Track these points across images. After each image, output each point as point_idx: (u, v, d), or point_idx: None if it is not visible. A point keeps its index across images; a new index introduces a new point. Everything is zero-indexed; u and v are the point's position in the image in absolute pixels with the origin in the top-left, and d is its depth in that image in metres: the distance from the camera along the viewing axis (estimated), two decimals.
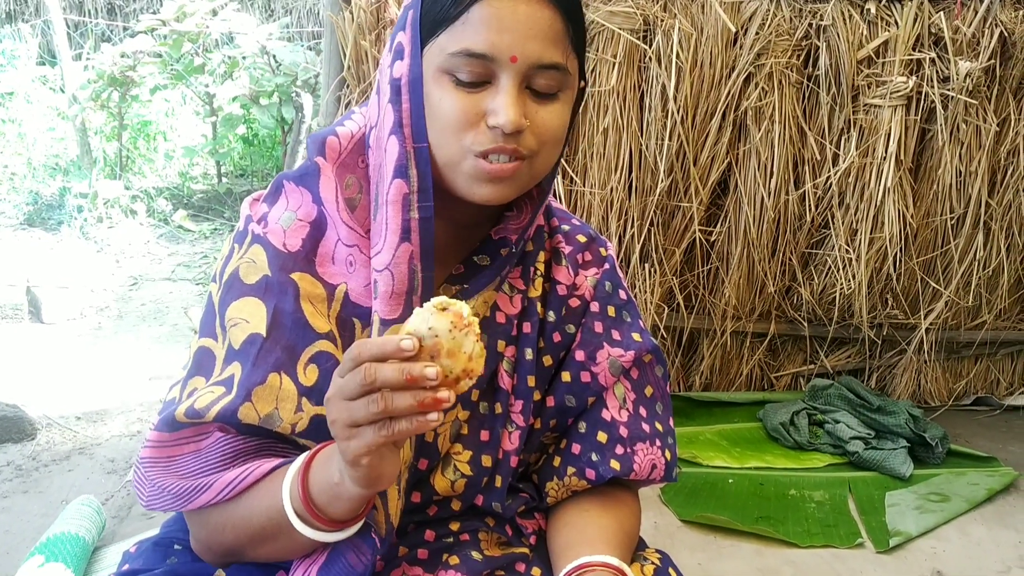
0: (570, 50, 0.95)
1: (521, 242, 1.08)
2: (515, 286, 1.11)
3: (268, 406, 0.94)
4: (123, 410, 2.99)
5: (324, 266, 1.00)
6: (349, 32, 2.69)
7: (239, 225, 1.05)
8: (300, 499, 0.88)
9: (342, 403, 0.80)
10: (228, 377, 0.95)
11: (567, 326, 1.13)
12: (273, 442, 1.00)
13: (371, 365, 0.77)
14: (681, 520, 2.43)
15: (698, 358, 3.20)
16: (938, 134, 2.89)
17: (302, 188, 1.02)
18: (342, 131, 1.03)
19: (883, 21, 2.82)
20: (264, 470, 0.93)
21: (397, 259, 0.95)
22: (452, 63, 0.91)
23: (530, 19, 0.90)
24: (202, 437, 0.98)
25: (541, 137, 0.95)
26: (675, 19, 2.72)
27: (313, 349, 0.97)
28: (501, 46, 0.90)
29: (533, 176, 0.99)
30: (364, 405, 0.77)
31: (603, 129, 2.79)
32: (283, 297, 0.97)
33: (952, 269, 3.09)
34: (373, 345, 0.78)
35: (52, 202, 5.46)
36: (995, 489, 2.67)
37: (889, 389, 3.29)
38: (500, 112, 0.91)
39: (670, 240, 2.96)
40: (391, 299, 0.96)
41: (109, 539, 2.11)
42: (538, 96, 0.94)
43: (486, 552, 1.06)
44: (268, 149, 6.44)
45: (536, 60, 0.91)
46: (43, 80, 6.57)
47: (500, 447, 1.07)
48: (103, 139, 5.89)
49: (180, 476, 0.97)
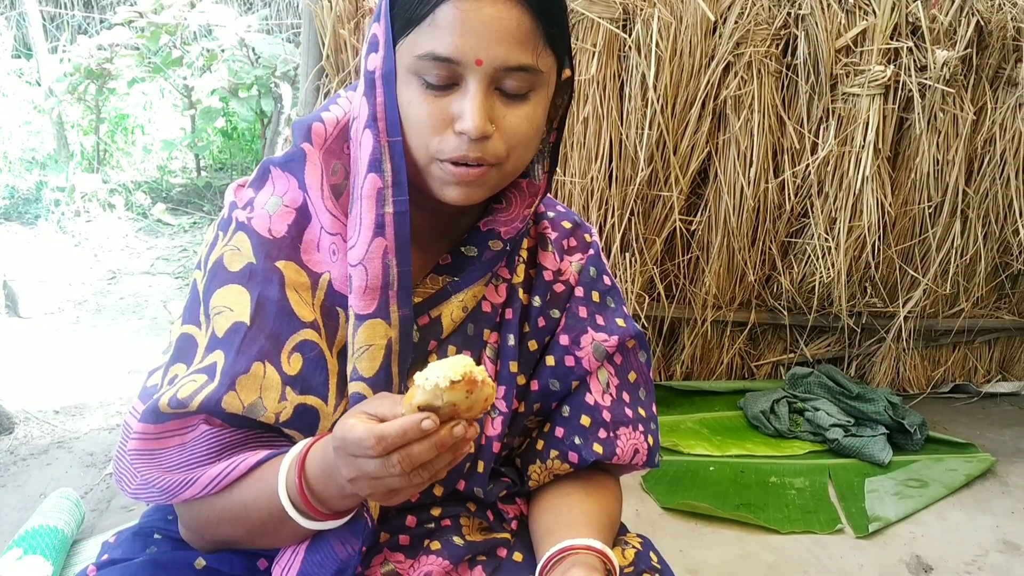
0: (542, 48, 0.93)
1: (516, 242, 1.08)
2: (500, 275, 1.11)
3: (252, 395, 0.94)
4: (102, 404, 2.97)
5: (309, 254, 1.00)
6: (328, 21, 2.67)
7: (223, 212, 1.04)
8: (299, 494, 0.89)
9: (377, 482, 0.81)
10: (210, 364, 0.95)
11: (552, 311, 1.13)
12: (259, 432, 1.00)
13: (403, 453, 0.79)
14: (663, 507, 2.44)
15: (679, 347, 3.21)
16: (916, 123, 2.91)
17: (288, 174, 1.02)
18: (327, 117, 1.03)
19: (861, 10, 2.83)
20: (249, 464, 0.93)
21: (371, 254, 0.94)
22: (419, 65, 0.91)
23: (495, 20, 0.89)
24: (188, 430, 0.98)
25: (510, 141, 0.95)
26: (655, 8, 2.72)
27: (297, 338, 0.97)
28: (466, 49, 0.89)
29: (503, 178, 0.99)
30: (408, 479, 0.80)
31: (583, 118, 2.79)
32: (267, 285, 0.97)
33: (930, 257, 3.12)
34: (394, 435, 0.79)
35: (29, 196, 5.40)
36: (973, 475, 2.70)
37: (868, 377, 3.32)
38: (466, 118, 0.90)
39: (650, 229, 2.97)
40: (365, 294, 0.95)
41: (88, 532, 2.09)
42: (508, 97, 0.93)
43: (468, 537, 1.06)
44: (247, 142, 6.39)
45: (502, 63, 0.90)
46: (18, 73, 6.49)
47: (483, 433, 1.07)
48: (80, 132, 5.82)
49: (165, 470, 0.96)
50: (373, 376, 0.96)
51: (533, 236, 1.16)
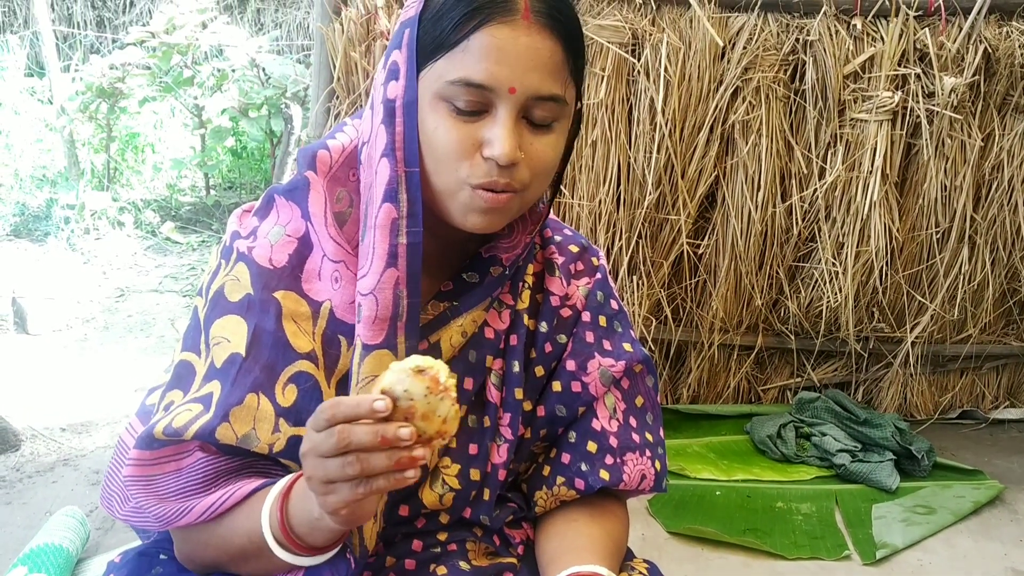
0: (569, 80, 0.95)
1: (515, 267, 1.08)
2: (504, 302, 1.11)
3: (245, 426, 0.94)
4: (108, 422, 2.97)
5: (310, 282, 1.00)
6: (339, 44, 2.69)
7: (225, 239, 1.05)
8: (279, 528, 0.89)
9: (317, 460, 0.80)
10: (206, 395, 0.96)
11: (559, 336, 1.13)
12: (254, 460, 1.00)
13: (345, 427, 0.77)
14: (669, 532, 2.43)
15: (686, 370, 3.21)
16: (923, 149, 2.91)
17: (292, 203, 1.02)
18: (333, 144, 1.03)
19: (869, 37, 2.84)
20: (244, 492, 0.94)
21: (382, 284, 0.94)
22: (450, 91, 0.91)
23: (530, 50, 0.90)
24: (182, 456, 0.98)
25: (535, 169, 0.95)
26: (663, 33, 2.74)
27: (293, 369, 0.97)
28: (500, 77, 0.89)
29: (523, 206, 0.99)
30: (340, 466, 0.78)
31: (592, 142, 2.80)
32: (264, 316, 0.97)
33: (937, 283, 3.11)
34: (346, 406, 0.78)
35: (39, 213, 5.43)
36: (981, 502, 2.68)
37: (876, 402, 3.31)
38: (496, 144, 0.91)
39: (658, 253, 2.97)
40: (374, 324, 0.95)
41: (93, 551, 2.09)
42: (534, 127, 0.94)
43: (473, 562, 1.05)
44: (256, 162, 6.42)
45: (535, 92, 0.91)
46: (31, 91, 6.54)
47: (489, 460, 1.07)
48: (91, 151, 5.86)
49: (161, 498, 0.97)
50: None
51: (540, 261, 1.16)
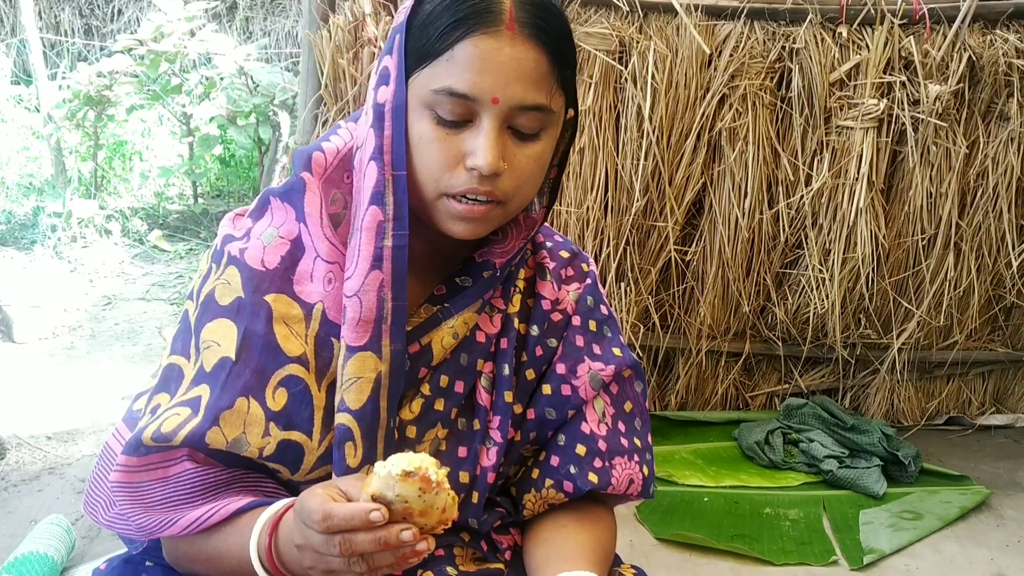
0: (556, 89, 0.95)
1: (507, 269, 1.09)
2: (495, 306, 1.11)
3: (235, 431, 0.94)
4: (94, 430, 2.96)
5: (302, 284, 1.00)
6: (327, 51, 2.69)
7: (216, 243, 1.05)
8: (268, 560, 0.90)
9: (318, 556, 0.82)
10: (195, 398, 0.96)
11: (549, 340, 1.13)
12: (244, 473, 1.00)
13: (345, 538, 0.79)
14: (657, 538, 2.43)
15: (674, 377, 3.21)
16: (909, 156, 2.93)
17: (287, 204, 1.02)
18: (328, 146, 1.03)
19: (854, 44, 2.86)
20: (230, 510, 0.94)
21: (366, 286, 0.94)
22: (434, 100, 0.91)
23: (514, 61, 0.90)
24: (171, 463, 0.98)
25: (518, 180, 0.96)
26: (650, 41, 2.75)
27: (283, 373, 0.97)
28: (483, 87, 0.90)
29: (506, 215, 1.00)
30: (345, 564, 0.80)
31: (579, 149, 2.81)
32: (254, 319, 0.97)
33: (924, 289, 3.12)
34: (340, 518, 0.79)
35: (25, 221, 5.41)
36: (967, 507, 2.69)
37: (863, 408, 3.32)
38: (479, 154, 0.91)
39: (646, 259, 2.98)
40: (358, 326, 0.95)
41: (79, 559, 2.08)
42: (520, 137, 0.94)
43: (461, 567, 1.05)
44: (245, 170, 6.41)
45: (518, 102, 0.91)
46: (17, 99, 6.52)
47: (478, 463, 1.07)
48: (78, 159, 5.84)
49: (147, 507, 0.97)
50: (360, 409, 0.96)
51: (531, 266, 1.16)
